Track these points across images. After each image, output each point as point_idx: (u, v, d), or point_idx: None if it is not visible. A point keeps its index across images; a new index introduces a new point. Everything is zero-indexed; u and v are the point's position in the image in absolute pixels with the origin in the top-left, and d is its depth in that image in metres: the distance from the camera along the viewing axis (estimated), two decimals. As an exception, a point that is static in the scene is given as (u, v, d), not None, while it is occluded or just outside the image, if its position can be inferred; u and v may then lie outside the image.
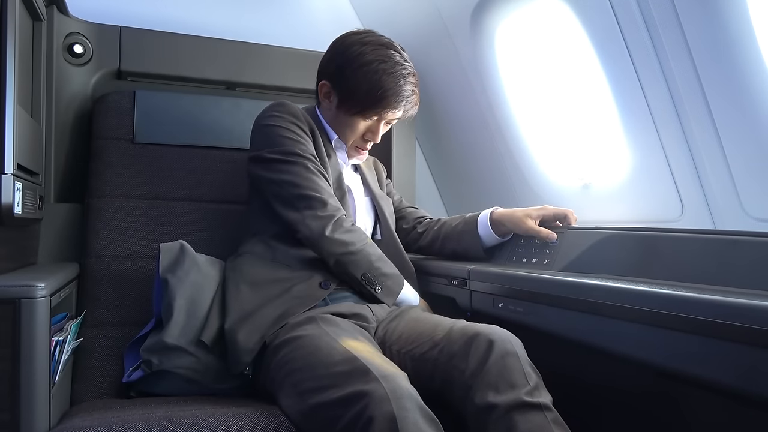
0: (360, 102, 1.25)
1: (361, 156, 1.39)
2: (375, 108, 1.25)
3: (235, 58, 1.64)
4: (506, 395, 0.88)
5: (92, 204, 1.35)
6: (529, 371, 0.92)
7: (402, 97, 1.25)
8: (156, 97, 1.47)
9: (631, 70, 1.27)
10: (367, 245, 1.22)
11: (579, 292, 0.92)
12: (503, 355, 0.93)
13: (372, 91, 1.22)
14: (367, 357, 0.89)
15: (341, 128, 1.33)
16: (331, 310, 1.12)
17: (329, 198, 1.20)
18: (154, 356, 1.12)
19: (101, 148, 1.39)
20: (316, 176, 1.21)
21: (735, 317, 0.66)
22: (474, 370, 0.93)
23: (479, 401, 0.90)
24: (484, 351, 0.94)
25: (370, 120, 1.29)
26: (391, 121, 1.33)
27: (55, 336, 1.02)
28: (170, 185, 1.41)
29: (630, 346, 0.83)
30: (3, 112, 0.97)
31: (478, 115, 1.78)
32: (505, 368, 0.91)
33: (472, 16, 1.58)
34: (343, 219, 1.21)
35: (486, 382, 0.91)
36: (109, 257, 1.32)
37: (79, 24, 1.48)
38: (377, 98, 1.23)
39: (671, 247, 0.96)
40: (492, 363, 0.92)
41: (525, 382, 0.90)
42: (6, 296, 0.92)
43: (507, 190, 1.82)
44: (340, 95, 1.28)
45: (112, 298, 1.30)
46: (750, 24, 1.06)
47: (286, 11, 1.90)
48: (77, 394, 1.20)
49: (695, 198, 1.29)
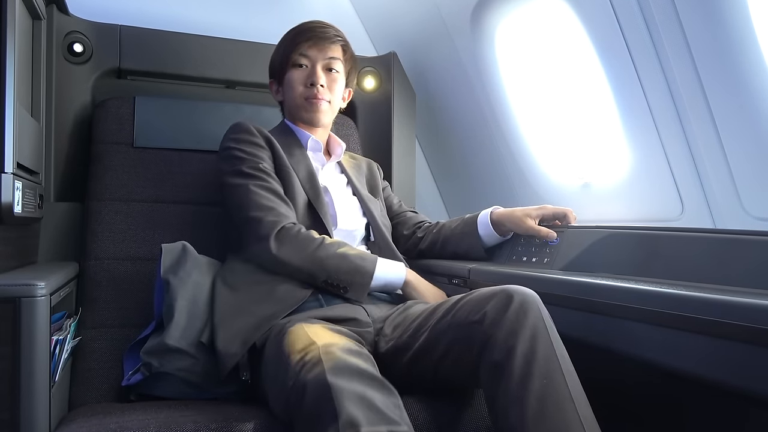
0: (278, 57, 1.37)
1: (317, 106, 1.33)
2: (287, 51, 1.34)
3: (235, 57, 1.64)
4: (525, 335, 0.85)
5: (92, 207, 1.35)
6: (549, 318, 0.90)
7: (303, 28, 1.35)
8: (156, 102, 1.48)
9: (631, 68, 1.27)
10: (318, 249, 1.15)
11: (579, 292, 0.92)
12: (522, 302, 0.89)
13: (282, 42, 1.38)
14: (327, 339, 0.88)
15: (290, 97, 1.36)
16: (325, 314, 1.09)
17: (267, 214, 1.17)
18: (154, 358, 1.11)
19: (102, 152, 1.39)
20: (258, 193, 1.19)
21: (735, 316, 0.66)
22: (493, 319, 0.89)
23: (498, 349, 0.86)
24: (504, 301, 0.90)
25: (296, 66, 1.34)
26: (312, 63, 1.34)
27: (54, 335, 1.02)
28: (170, 188, 1.41)
29: (630, 345, 0.83)
30: (3, 111, 0.97)
31: (478, 115, 1.78)
32: (525, 315, 0.87)
33: (472, 16, 1.58)
34: (285, 232, 1.16)
35: (506, 329, 0.87)
36: (109, 259, 1.32)
37: (79, 23, 1.48)
38: (285, 42, 1.36)
39: (671, 247, 0.96)
40: (512, 311, 0.88)
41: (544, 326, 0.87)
42: (6, 295, 0.92)
43: (507, 190, 1.82)
44: (274, 75, 1.40)
45: (112, 299, 1.29)
46: (750, 23, 1.06)
47: (286, 11, 1.90)
48: (77, 396, 1.19)
49: (695, 197, 1.29)
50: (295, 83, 1.34)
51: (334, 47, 1.35)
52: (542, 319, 0.88)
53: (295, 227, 1.18)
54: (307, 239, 1.16)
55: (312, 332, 0.93)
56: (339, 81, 1.37)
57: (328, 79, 1.34)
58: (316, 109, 1.34)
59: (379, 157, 1.79)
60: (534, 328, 0.86)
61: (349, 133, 1.72)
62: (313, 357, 0.83)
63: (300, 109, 1.35)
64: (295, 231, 1.17)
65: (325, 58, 1.34)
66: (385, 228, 1.39)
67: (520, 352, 0.84)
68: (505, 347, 0.85)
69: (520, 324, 0.86)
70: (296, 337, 0.92)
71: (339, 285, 1.14)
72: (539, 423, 0.79)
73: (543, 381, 0.82)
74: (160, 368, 1.11)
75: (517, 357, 0.84)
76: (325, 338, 0.89)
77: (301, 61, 1.33)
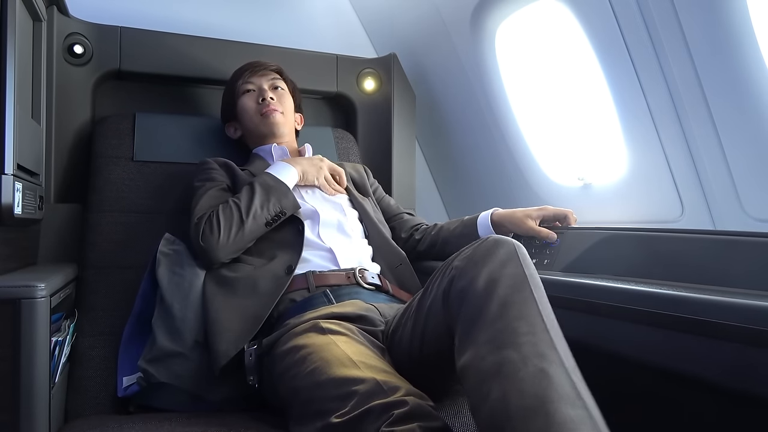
0: (227, 97, 1.50)
1: (273, 117, 1.42)
2: (234, 86, 1.47)
3: (235, 58, 1.64)
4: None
5: (91, 218, 1.35)
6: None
7: (241, 66, 1.49)
8: (155, 118, 1.50)
9: (630, 70, 1.27)
10: (239, 213, 1.18)
11: (579, 293, 0.92)
12: (497, 240, 0.85)
13: (227, 86, 1.51)
14: (380, 376, 0.81)
15: (246, 121, 1.45)
16: (337, 312, 1.05)
17: (197, 214, 1.21)
18: (152, 367, 1.10)
19: (102, 165, 1.40)
20: (201, 197, 1.25)
21: (735, 317, 0.66)
22: (466, 254, 0.85)
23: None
24: (480, 242, 0.87)
25: (244, 93, 1.46)
26: (258, 85, 1.45)
27: (53, 336, 1.02)
28: (170, 200, 1.41)
29: (630, 346, 0.83)
30: (3, 112, 0.97)
31: (478, 116, 1.79)
32: (497, 248, 0.83)
33: (472, 17, 1.58)
34: (205, 227, 1.17)
35: (474, 260, 0.83)
36: (108, 268, 1.32)
37: (79, 24, 1.48)
38: (230, 82, 1.50)
39: (671, 247, 0.96)
40: (484, 245, 0.84)
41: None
42: (6, 296, 0.92)
43: (507, 190, 1.82)
44: (227, 114, 1.50)
45: (111, 307, 1.28)
46: (750, 24, 1.06)
47: (286, 11, 1.90)
48: (75, 404, 1.18)
49: (695, 198, 1.29)
50: (247, 105, 1.45)
51: (273, 73, 1.49)
52: (516, 254, 0.82)
53: (208, 213, 1.20)
54: (227, 212, 1.19)
55: (348, 349, 0.88)
56: (286, 96, 1.49)
57: (275, 94, 1.46)
58: (272, 120, 1.42)
59: (379, 158, 1.79)
60: (506, 257, 0.81)
61: (348, 146, 1.72)
62: (373, 402, 0.75)
63: (258, 126, 1.44)
64: (214, 219, 1.18)
65: (268, 80, 1.47)
66: (379, 223, 1.39)
67: (484, 276, 0.79)
68: (471, 275, 0.81)
69: (491, 255, 0.82)
70: (331, 355, 0.87)
71: (274, 216, 1.21)
72: (497, 321, 0.74)
73: (508, 290, 0.77)
74: (158, 378, 1.09)
75: (480, 279, 0.80)
76: (369, 369, 0.83)
77: (248, 87, 1.46)
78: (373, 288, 1.19)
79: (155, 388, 1.12)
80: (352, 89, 1.80)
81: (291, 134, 1.49)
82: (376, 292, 1.19)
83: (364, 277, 1.19)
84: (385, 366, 0.87)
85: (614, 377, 1.03)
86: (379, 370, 0.83)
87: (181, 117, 1.56)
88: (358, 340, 0.95)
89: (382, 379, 0.79)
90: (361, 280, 1.18)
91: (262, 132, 1.43)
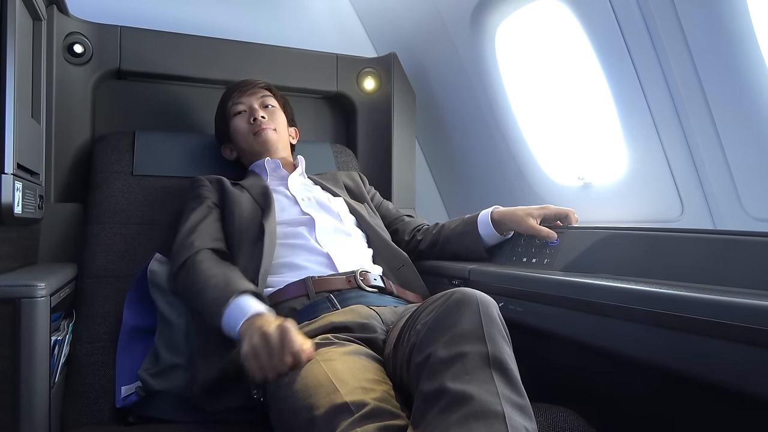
0: (219, 120, 1.52)
1: (265, 135, 1.44)
2: (224, 108, 1.50)
3: (235, 58, 1.64)
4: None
5: (91, 230, 1.35)
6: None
7: (230, 86, 1.52)
8: (154, 135, 1.51)
9: (631, 69, 1.27)
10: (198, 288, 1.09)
11: (579, 292, 0.92)
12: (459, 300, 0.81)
13: (217, 109, 1.53)
14: (351, 397, 0.78)
15: (240, 141, 1.47)
16: (337, 321, 1.01)
17: (180, 245, 1.19)
18: (151, 377, 1.10)
19: (101, 180, 1.41)
20: (187, 218, 1.25)
21: (735, 317, 0.66)
22: (425, 323, 0.81)
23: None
24: (442, 303, 0.82)
25: (236, 114, 1.47)
26: (248, 105, 1.47)
27: (53, 335, 1.02)
28: (169, 211, 1.41)
29: (630, 346, 0.83)
30: (3, 111, 0.97)
31: (478, 115, 1.79)
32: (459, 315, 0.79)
33: (472, 16, 1.59)
34: (182, 272, 1.14)
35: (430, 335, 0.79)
36: (108, 277, 1.32)
37: (79, 23, 1.48)
38: (220, 105, 1.52)
39: (671, 247, 0.96)
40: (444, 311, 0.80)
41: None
42: (6, 296, 0.92)
43: (507, 190, 1.82)
44: (222, 136, 1.52)
45: (109, 315, 1.28)
46: (750, 24, 1.06)
47: (286, 11, 1.90)
48: (73, 411, 1.17)
49: (695, 198, 1.29)
50: (239, 126, 1.46)
51: (262, 90, 1.50)
52: (480, 320, 0.78)
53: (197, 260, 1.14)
54: (197, 274, 1.11)
55: (330, 371, 0.84)
56: (278, 113, 1.50)
57: (266, 112, 1.47)
58: (264, 138, 1.44)
59: (379, 157, 1.79)
60: (468, 327, 0.77)
61: (347, 160, 1.73)
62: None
63: (252, 145, 1.45)
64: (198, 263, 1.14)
65: (257, 98, 1.48)
66: (377, 227, 1.38)
67: (442, 352, 0.76)
68: (428, 350, 0.77)
69: (453, 324, 0.78)
70: (313, 379, 0.83)
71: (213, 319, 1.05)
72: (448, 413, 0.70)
73: (466, 370, 0.72)
74: (156, 387, 1.09)
75: (437, 354, 0.75)
76: (348, 390, 0.79)
77: (239, 108, 1.47)
78: (377, 290, 1.17)
79: (154, 398, 1.11)
80: (352, 89, 1.80)
81: (286, 149, 1.51)
82: (380, 294, 1.17)
83: (366, 279, 1.17)
84: (365, 382, 0.82)
85: (614, 377, 1.03)
86: (355, 390, 0.79)
87: (180, 134, 1.57)
88: (352, 358, 0.90)
89: (352, 400, 0.76)
90: (363, 282, 1.16)
91: (256, 150, 1.45)
